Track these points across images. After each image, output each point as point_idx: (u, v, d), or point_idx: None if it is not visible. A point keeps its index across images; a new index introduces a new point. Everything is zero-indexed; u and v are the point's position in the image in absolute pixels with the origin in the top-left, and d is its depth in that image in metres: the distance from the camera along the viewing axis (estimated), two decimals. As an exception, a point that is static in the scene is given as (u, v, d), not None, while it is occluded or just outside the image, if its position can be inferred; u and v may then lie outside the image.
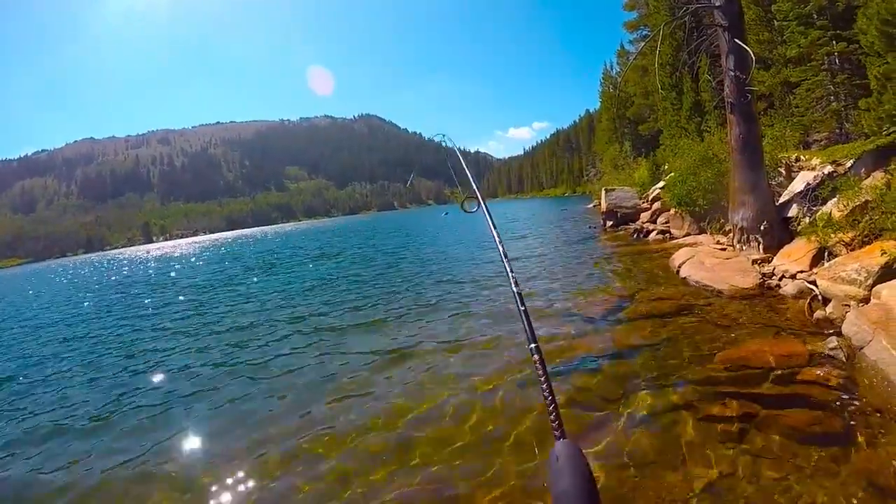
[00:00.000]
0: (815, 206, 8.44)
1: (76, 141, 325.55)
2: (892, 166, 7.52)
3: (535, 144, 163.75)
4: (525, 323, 1.52)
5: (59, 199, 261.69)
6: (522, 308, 1.59)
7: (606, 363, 5.43)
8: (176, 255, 47.21)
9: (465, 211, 2.90)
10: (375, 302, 10.30)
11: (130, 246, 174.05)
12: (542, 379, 1.31)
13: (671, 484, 3.29)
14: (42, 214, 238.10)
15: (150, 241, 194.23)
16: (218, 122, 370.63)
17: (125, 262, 49.12)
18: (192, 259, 35.70)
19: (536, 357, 1.38)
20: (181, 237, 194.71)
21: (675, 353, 5.41)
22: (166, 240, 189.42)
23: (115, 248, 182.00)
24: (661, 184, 18.01)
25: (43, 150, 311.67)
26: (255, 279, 17.74)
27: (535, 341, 1.45)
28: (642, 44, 30.68)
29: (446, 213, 73.65)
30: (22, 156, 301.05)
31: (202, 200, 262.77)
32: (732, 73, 9.25)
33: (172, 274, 24.86)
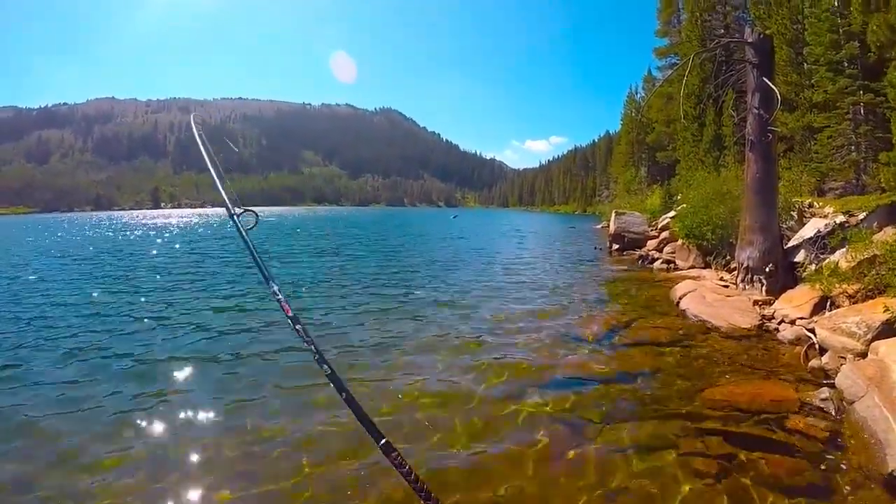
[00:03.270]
0: (822, 253, 8.38)
1: (97, 98, 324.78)
2: (906, 223, 7.47)
3: (550, 159, 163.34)
4: (309, 342, 1.51)
5: (74, 153, 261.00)
6: (299, 327, 1.57)
7: (593, 386, 5.39)
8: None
9: (240, 228, 2.09)
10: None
11: (138, 209, 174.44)
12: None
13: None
14: (55, 167, 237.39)
15: (158, 207, 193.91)
16: (240, 98, 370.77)
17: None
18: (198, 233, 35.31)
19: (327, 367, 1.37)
20: (190, 206, 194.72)
21: (665, 384, 5.38)
22: (174, 207, 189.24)
23: (123, 209, 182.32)
24: (672, 213, 17.97)
25: (63, 103, 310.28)
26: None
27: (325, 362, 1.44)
28: (670, 71, 30.68)
29: (455, 216, 74.12)
30: (41, 106, 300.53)
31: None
32: (757, 111, 9.21)
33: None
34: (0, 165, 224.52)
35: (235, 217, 1.91)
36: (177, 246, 22.95)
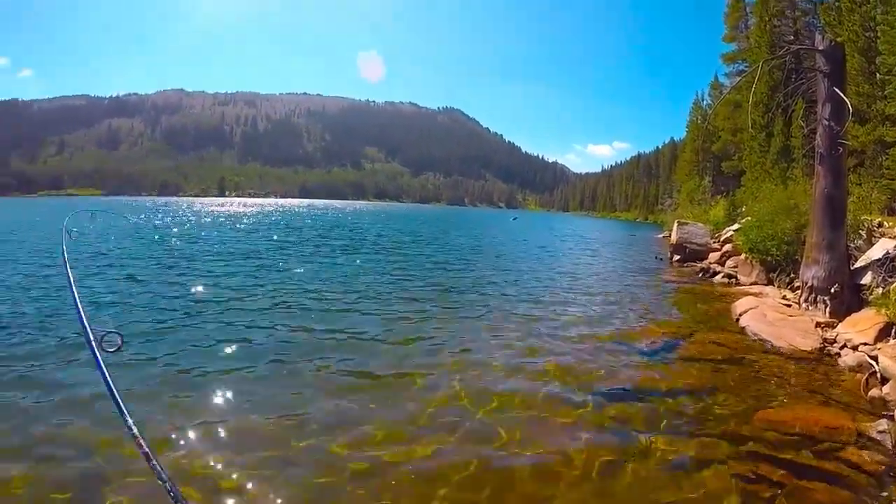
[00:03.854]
0: (891, 276, 7.99)
1: (166, 90, 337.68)
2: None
3: (613, 164, 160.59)
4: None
5: (143, 141, 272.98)
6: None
7: (648, 397, 5.41)
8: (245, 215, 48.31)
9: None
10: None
11: (203, 197, 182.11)
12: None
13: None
14: (124, 153, 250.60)
15: (223, 195, 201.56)
16: (305, 93, 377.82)
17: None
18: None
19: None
20: (253, 196, 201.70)
21: (719, 402, 5.30)
22: (238, 196, 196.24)
23: (188, 195, 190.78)
24: (736, 226, 17.48)
25: (134, 94, 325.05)
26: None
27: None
28: (738, 78, 29.73)
29: (515, 219, 74.08)
30: (112, 95, 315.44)
31: (279, 165, 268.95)
32: (826, 123, 8.90)
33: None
34: (72, 151, 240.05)
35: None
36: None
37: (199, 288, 10.21)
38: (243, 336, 6.94)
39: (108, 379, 1.58)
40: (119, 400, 1.49)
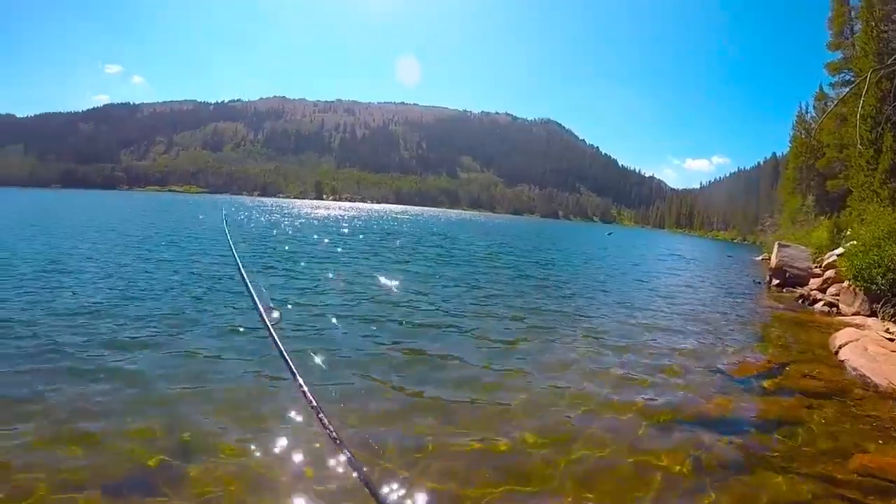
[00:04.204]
0: None
1: (269, 97, 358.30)
2: None
3: (712, 180, 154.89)
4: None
5: (245, 144, 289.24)
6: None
7: (735, 429, 5.24)
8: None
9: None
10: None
11: (303, 198, 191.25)
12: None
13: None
14: (227, 154, 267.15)
15: (321, 198, 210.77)
16: (402, 103, 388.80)
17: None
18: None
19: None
20: (349, 200, 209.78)
21: (809, 440, 5.03)
22: (335, 200, 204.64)
23: (288, 196, 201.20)
24: (840, 250, 16.45)
25: (238, 100, 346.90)
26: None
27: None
28: (844, 89, 27.94)
29: (610, 233, 72.95)
30: (218, 101, 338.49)
31: (375, 172, 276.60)
32: (938, 141, 8.21)
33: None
34: (179, 150, 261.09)
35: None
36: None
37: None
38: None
39: (278, 342, 1.95)
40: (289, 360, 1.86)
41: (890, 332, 9.26)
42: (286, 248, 18.94)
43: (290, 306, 9.06)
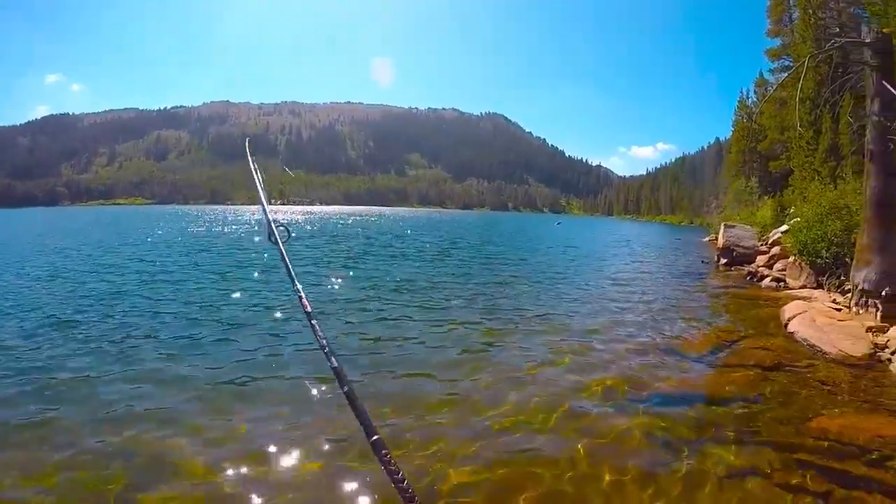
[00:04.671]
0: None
1: (213, 102, 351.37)
2: None
3: (657, 166, 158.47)
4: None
5: (190, 151, 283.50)
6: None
7: (691, 404, 5.37)
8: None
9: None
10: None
11: (251, 204, 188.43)
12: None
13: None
14: (172, 163, 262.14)
15: (269, 203, 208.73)
16: (348, 102, 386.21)
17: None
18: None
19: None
20: (298, 203, 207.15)
21: (765, 410, 5.21)
22: (283, 204, 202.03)
23: (235, 203, 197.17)
24: (784, 228, 17.06)
25: (181, 106, 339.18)
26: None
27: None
28: (783, 74, 28.82)
29: (559, 223, 73.60)
30: (161, 108, 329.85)
31: (323, 173, 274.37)
32: (876, 119, 8.62)
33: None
34: (122, 161, 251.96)
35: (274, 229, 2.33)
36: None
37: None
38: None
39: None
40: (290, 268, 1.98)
41: (836, 303, 9.64)
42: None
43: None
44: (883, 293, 8.01)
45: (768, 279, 14.19)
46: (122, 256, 17.61)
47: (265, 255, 16.90)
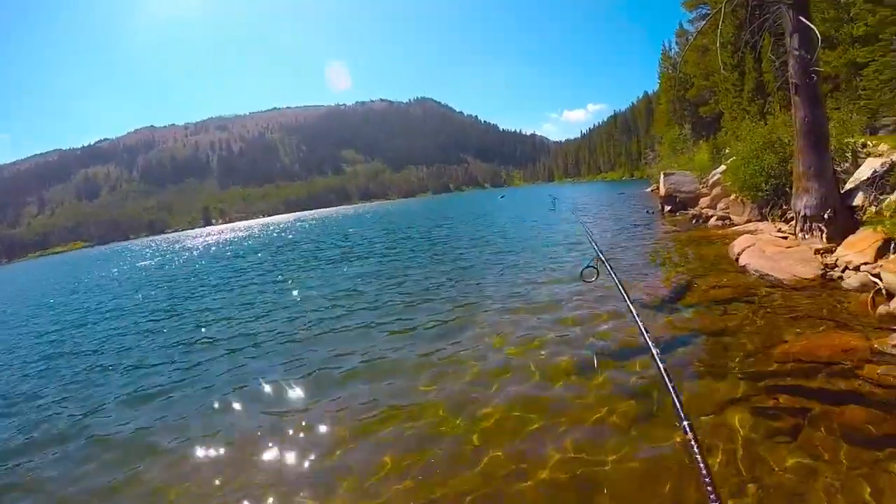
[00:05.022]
0: (882, 194, 8.07)
1: (137, 129, 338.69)
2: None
3: (591, 127, 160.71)
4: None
5: (122, 185, 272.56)
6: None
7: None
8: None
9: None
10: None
11: (191, 229, 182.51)
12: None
13: (721, 479, 3.28)
14: (105, 200, 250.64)
15: (210, 224, 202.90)
16: (274, 108, 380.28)
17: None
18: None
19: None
20: (241, 219, 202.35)
21: (732, 343, 5.34)
22: (225, 223, 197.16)
23: (176, 230, 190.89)
24: (722, 168, 17.54)
25: (105, 139, 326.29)
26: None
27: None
28: (702, 23, 29.61)
29: (502, 196, 73.76)
30: (85, 145, 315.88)
31: (260, 184, 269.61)
32: (797, 53, 8.90)
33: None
34: (53, 207, 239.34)
35: None
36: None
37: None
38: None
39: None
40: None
41: (782, 231, 10.05)
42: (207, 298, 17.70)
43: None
44: (826, 216, 8.42)
45: (713, 219, 14.61)
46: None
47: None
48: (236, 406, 5.66)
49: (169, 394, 6.34)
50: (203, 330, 9.58)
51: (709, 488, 1.21)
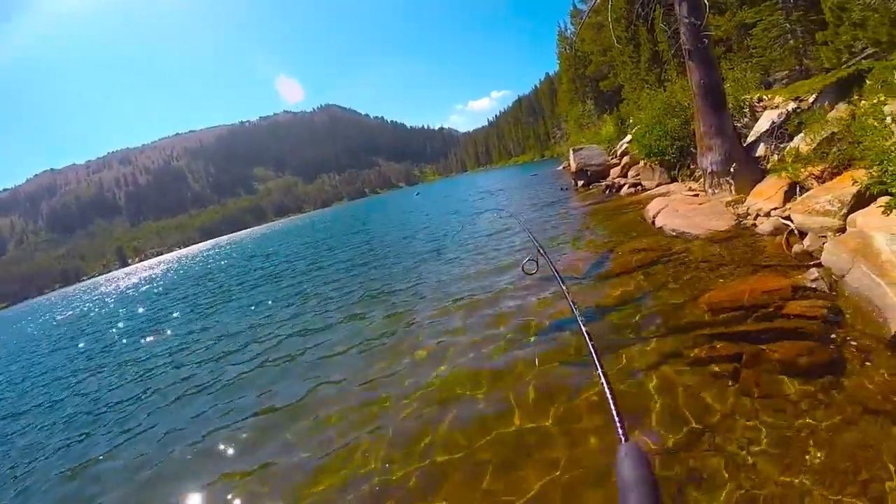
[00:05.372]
0: (782, 143, 8.50)
1: (36, 174, 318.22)
2: (855, 97, 7.57)
3: (497, 114, 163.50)
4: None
5: (28, 236, 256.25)
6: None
7: (593, 320, 5.40)
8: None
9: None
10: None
11: (107, 272, 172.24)
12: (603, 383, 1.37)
13: (667, 428, 3.35)
14: (13, 255, 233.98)
15: (127, 265, 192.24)
16: (177, 133, 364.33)
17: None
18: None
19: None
20: (157, 255, 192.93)
21: (660, 302, 5.43)
22: (141, 260, 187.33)
23: (92, 276, 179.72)
24: (629, 137, 18.05)
25: (3, 189, 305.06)
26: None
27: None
28: (594, 1, 30.54)
29: (418, 194, 73.51)
30: None
31: (173, 215, 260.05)
32: (687, 20, 9.23)
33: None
34: None
35: None
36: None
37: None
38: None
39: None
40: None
41: (692, 190, 10.46)
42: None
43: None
44: (731, 169, 8.81)
45: (626, 187, 15.00)
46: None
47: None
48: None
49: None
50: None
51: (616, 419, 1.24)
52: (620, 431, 1.15)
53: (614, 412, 1.24)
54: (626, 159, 17.15)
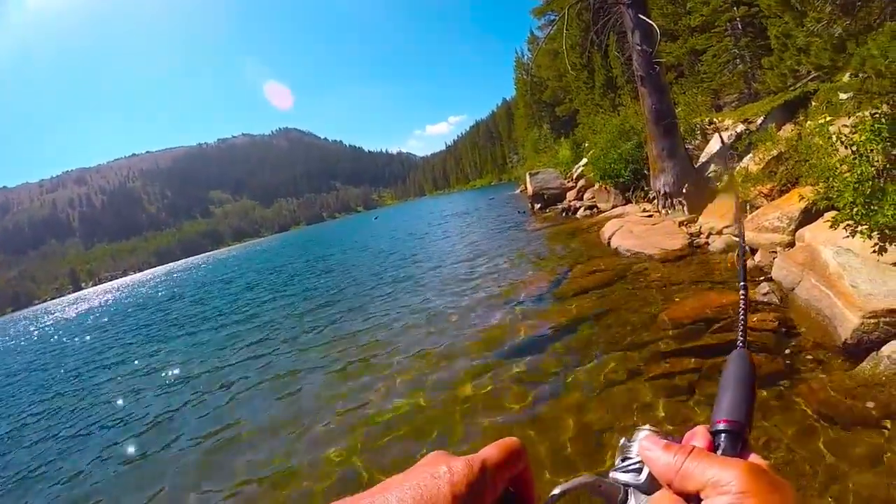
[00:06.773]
0: (732, 163, 8.77)
1: None
2: (801, 118, 7.88)
3: (455, 139, 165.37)
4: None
5: None
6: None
7: (552, 341, 5.43)
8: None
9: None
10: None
11: (60, 296, 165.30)
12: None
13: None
14: None
15: (80, 289, 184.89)
16: (133, 154, 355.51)
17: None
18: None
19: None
20: (111, 279, 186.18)
21: (618, 320, 5.45)
22: (95, 284, 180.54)
23: (44, 301, 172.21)
24: (584, 161, 18.39)
25: None
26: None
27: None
28: (550, 28, 31.20)
29: (376, 218, 73.07)
30: None
31: (127, 238, 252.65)
32: (639, 48, 9.55)
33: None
34: None
35: None
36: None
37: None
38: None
39: None
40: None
41: (646, 211, 10.68)
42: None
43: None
44: (684, 190, 9.04)
45: (582, 209, 15.26)
46: None
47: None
48: None
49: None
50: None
51: None
52: (741, 338, 1.10)
53: (741, 318, 1.21)
54: (581, 182, 17.44)
